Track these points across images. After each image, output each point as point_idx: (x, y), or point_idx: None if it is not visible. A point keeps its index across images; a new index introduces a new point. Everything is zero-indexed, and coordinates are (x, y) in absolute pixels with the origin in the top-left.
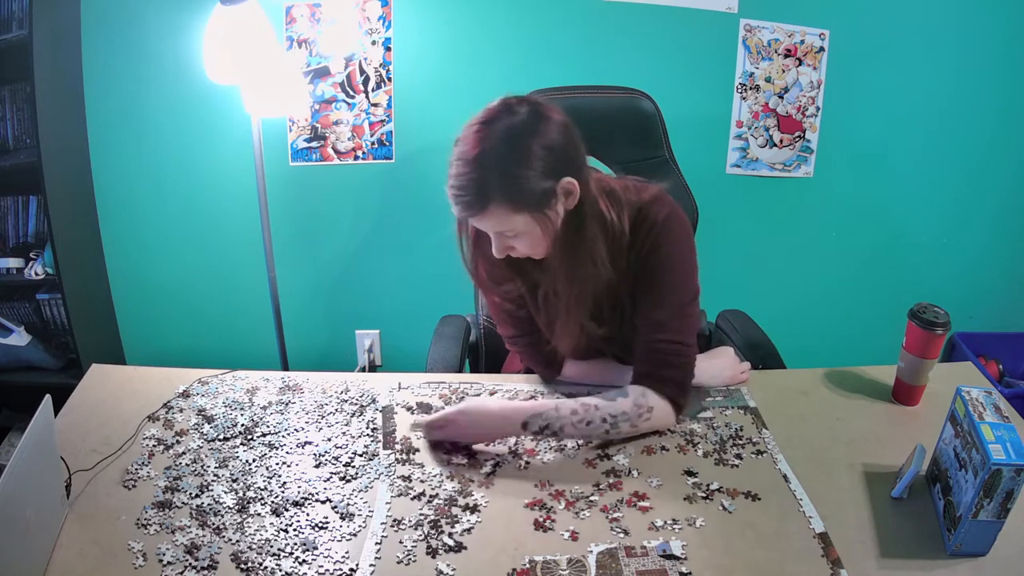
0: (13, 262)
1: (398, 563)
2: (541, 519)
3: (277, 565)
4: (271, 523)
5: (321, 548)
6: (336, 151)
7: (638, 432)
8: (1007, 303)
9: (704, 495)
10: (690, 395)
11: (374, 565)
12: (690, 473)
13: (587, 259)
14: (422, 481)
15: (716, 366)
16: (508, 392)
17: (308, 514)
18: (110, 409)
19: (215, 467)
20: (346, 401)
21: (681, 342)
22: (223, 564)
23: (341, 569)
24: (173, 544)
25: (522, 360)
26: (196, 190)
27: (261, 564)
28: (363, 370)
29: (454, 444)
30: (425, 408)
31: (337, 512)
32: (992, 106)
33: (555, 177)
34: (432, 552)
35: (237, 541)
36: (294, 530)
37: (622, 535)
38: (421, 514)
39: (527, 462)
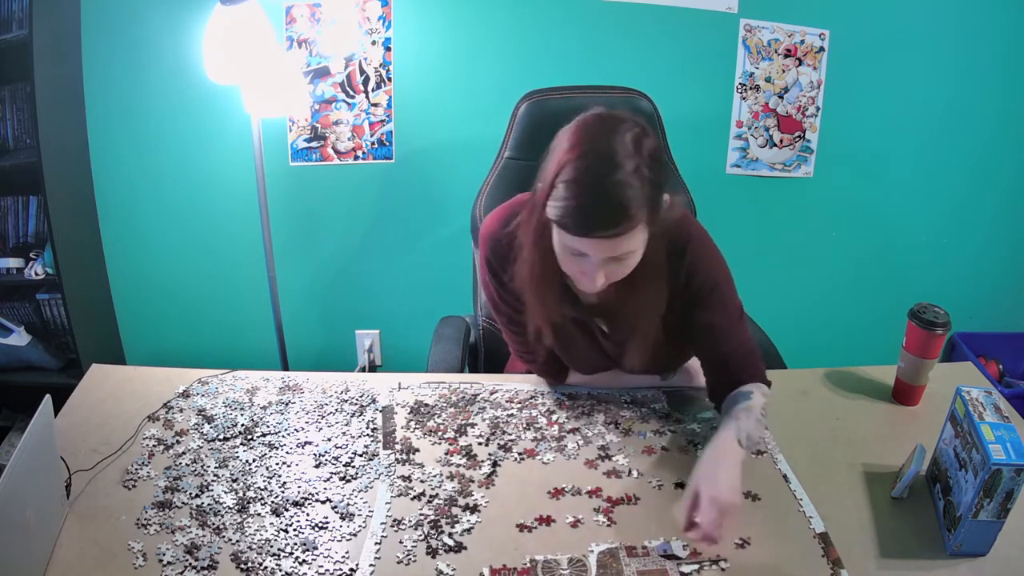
0: (13, 262)
1: (398, 563)
2: (541, 519)
3: (277, 565)
4: (271, 523)
5: (321, 548)
6: (336, 151)
7: None
8: (1007, 303)
9: None
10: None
11: (374, 565)
12: (682, 485)
13: (644, 277)
14: (422, 481)
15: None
16: (508, 392)
17: (308, 514)
18: (110, 409)
19: (215, 467)
20: (346, 401)
21: (744, 343)
22: (223, 564)
23: (341, 569)
24: (173, 544)
25: (530, 369)
26: (196, 190)
27: (261, 564)
28: (363, 370)
29: (453, 443)
30: (424, 408)
31: (337, 512)
32: (992, 106)
33: (665, 188)
34: (432, 552)
35: (237, 541)
36: (294, 530)
37: (623, 535)
38: (421, 514)
39: (526, 461)
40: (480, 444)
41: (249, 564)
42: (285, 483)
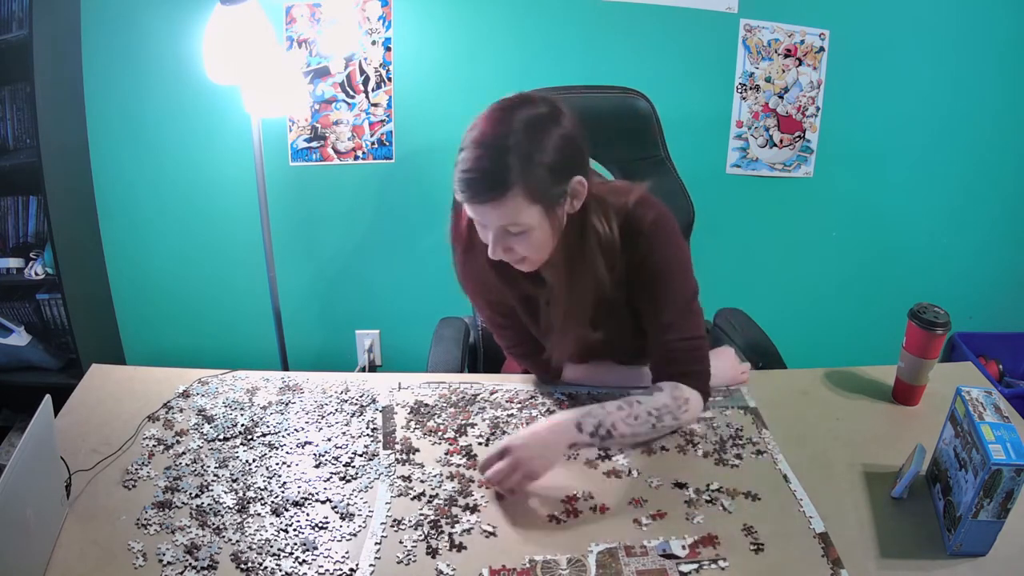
0: (13, 262)
1: (398, 563)
2: (541, 519)
3: (277, 565)
4: (271, 523)
5: (321, 548)
6: (336, 151)
7: (679, 426)
8: (1007, 303)
9: (704, 495)
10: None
11: (374, 565)
12: (682, 485)
13: (587, 266)
14: (422, 481)
15: (717, 367)
16: (508, 392)
17: (308, 514)
18: (110, 409)
19: (215, 467)
20: (346, 401)
21: (692, 337)
22: (223, 564)
23: (341, 569)
24: (173, 544)
25: (522, 366)
26: (196, 190)
27: (261, 564)
28: (363, 370)
29: (453, 444)
30: (424, 408)
31: (337, 512)
32: (992, 106)
33: (568, 174)
34: (432, 552)
35: (237, 541)
36: (294, 530)
37: (622, 535)
38: (421, 514)
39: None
40: (480, 444)
41: (249, 564)
42: (285, 483)
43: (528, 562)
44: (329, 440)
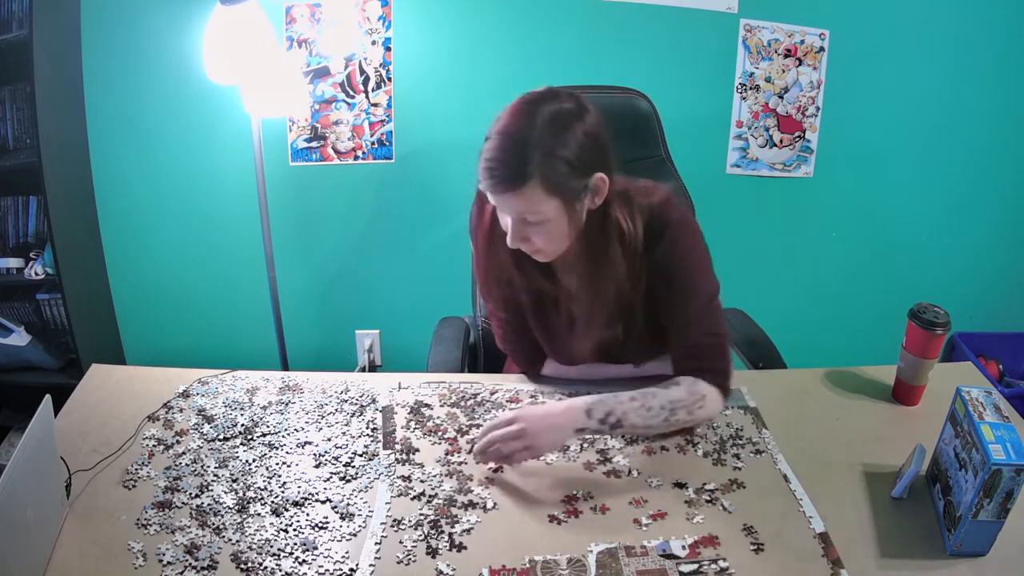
0: (13, 262)
1: (398, 563)
2: (541, 519)
3: (277, 565)
4: (271, 523)
5: (321, 548)
6: (336, 151)
7: (694, 421)
8: (1007, 303)
9: (704, 495)
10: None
11: (374, 565)
12: (682, 485)
13: (608, 263)
14: (422, 481)
15: None
16: (508, 392)
17: (308, 514)
18: (110, 409)
19: (215, 467)
20: (346, 401)
21: (714, 333)
22: (223, 564)
23: (341, 569)
24: (173, 544)
25: (510, 356)
26: (196, 190)
27: (261, 564)
28: (363, 370)
29: (453, 443)
30: (424, 408)
31: (337, 512)
32: (992, 106)
33: (590, 170)
34: (432, 552)
35: (237, 541)
36: (294, 530)
37: (622, 535)
38: (421, 514)
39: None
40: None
41: (249, 564)
42: (285, 483)
43: (528, 562)
44: (329, 440)
